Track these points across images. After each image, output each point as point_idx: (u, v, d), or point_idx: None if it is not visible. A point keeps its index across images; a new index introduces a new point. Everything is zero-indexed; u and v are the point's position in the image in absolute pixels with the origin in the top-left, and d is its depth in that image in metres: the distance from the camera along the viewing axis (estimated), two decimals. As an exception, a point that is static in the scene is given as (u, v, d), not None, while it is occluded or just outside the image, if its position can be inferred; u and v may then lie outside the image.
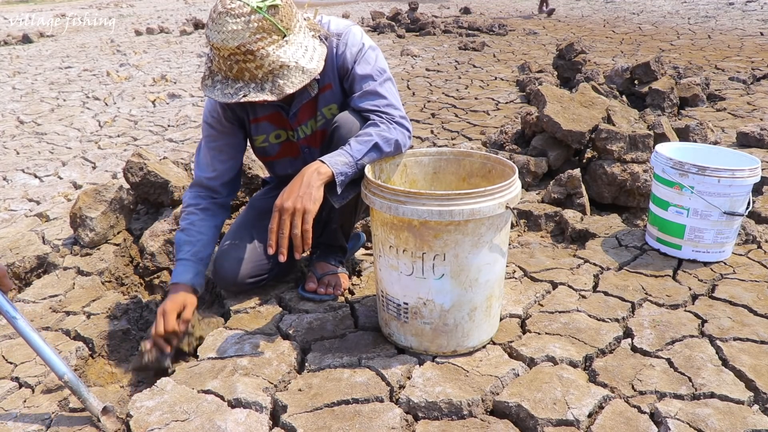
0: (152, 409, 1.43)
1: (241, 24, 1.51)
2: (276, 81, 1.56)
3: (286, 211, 1.51)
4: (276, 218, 1.52)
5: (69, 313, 1.96)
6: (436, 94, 4.83)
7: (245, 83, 1.57)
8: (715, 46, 6.33)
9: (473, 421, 1.39)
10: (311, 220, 1.51)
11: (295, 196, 1.52)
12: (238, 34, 1.51)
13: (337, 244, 1.99)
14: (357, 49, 1.76)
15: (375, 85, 1.74)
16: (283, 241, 1.50)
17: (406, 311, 1.58)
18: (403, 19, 8.79)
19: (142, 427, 1.35)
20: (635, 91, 4.03)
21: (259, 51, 1.53)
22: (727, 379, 1.49)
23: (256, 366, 1.58)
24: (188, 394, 1.48)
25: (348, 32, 1.77)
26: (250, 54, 1.53)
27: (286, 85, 1.56)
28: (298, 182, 1.55)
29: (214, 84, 1.61)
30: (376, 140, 1.64)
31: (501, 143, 3.12)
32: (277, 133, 1.90)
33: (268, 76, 1.56)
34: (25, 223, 2.71)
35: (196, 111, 4.72)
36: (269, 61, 1.55)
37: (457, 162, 1.81)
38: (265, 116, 1.86)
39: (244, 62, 1.54)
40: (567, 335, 1.69)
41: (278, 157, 1.97)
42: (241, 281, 1.90)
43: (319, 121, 1.85)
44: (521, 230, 2.44)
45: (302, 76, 1.58)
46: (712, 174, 1.97)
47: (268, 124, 1.88)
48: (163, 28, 9.92)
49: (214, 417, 1.39)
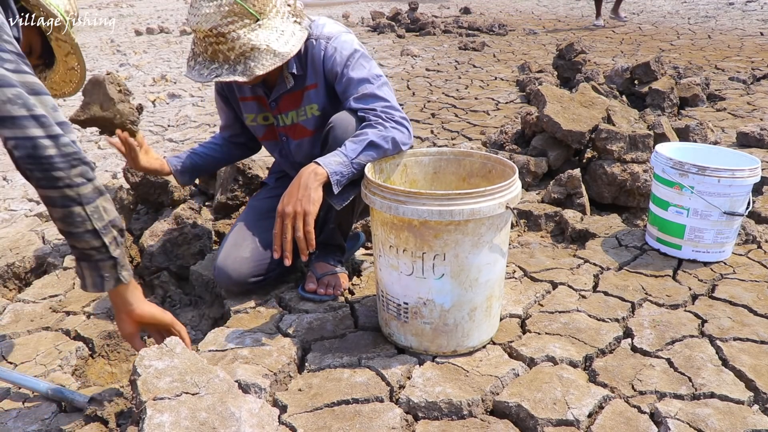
0: (161, 372, 1.33)
1: (213, 8, 1.60)
2: (248, 63, 1.64)
3: (287, 215, 1.56)
4: (278, 223, 1.57)
5: (69, 313, 1.96)
6: (436, 94, 4.82)
7: (219, 64, 1.66)
8: (715, 46, 6.33)
9: (473, 421, 1.39)
10: (312, 222, 1.55)
11: (294, 200, 1.56)
12: (210, 17, 1.60)
13: (335, 243, 2.00)
14: (348, 53, 1.79)
15: (372, 88, 1.75)
16: (287, 245, 1.56)
17: (406, 311, 1.58)
18: (403, 19, 8.79)
19: (151, 392, 1.29)
20: (635, 91, 4.02)
21: (230, 33, 1.62)
22: (727, 379, 1.49)
23: (257, 357, 1.58)
24: (198, 364, 1.39)
25: (339, 36, 1.81)
26: (221, 36, 1.62)
27: (257, 67, 1.63)
28: (296, 186, 1.58)
29: (195, 65, 1.72)
30: (371, 138, 1.65)
31: (501, 143, 3.12)
32: (264, 115, 1.99)
33: (240, 58, 1.64)
34: (25, 223, 2.71)
35: (196, 111, 4.72)
36: (240, 44, 1.63)
37: (457, 162, 1.81)
38: (250, 97, 1.97)
39: (216, 44, 1.63)
40: (567, 335, 1.69)
41: (264, 139, 2.08)
42: (244, 281, 1.90)
43: (301, 117, 1.92)
44: (521, 230, 2.44)
45: (274, 59, 1.65)
46: (712, 174, 1.97)
47: (255, 105, 1.98)
48: (163, 28, 9.92)
49: (227, 400, 1.31)
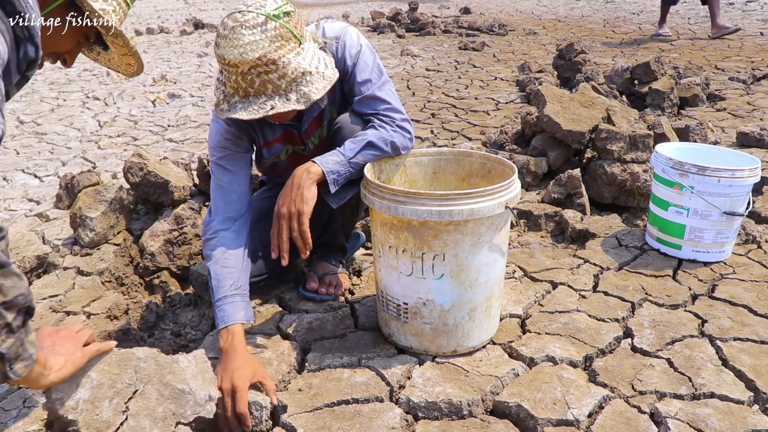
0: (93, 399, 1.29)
1: (259, 34, 1.45)
2: (300, 89, 1.51)
3: (282, 216, 1.56)
4: (275, 224, 1.57)
5: (69, 313, 1.96)
6: (436, 94, 4.82)
7: (269, 96, 1.51)
8: (715, 46, 6.33)
9: (473, 421, 1.39)
10: (306, 221, 1.55)
11: (288, 201, 1.56)
12: (257, 44, 1.45)
13: (337, 244, 2.00)
14: (356, 50, 1.74)
15: (374, 89, 1.73)
16: (284, 246, 1.56)
17: (406, 311, 1.58)
18: (403, 19, 8.78)
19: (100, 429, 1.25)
20: (635, 91, 4.02)
21: (281, 59, 1.48)
22: (727, 379, 1.49)
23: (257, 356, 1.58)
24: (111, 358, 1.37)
25: (345, 33, 1.76)
26: (272, 64, 1.47)
27: (312, 92, 1.51)
28: (290, 185, 1.58)
29: (232, 106, 1.53)
30: (369, 139, 1.65)
31: (501, 143, 3.12)
32: (286, 149, 1.87)
33: (291, 85, 1.51)
34: (25, 223, 2.71)
35: (196, 111, 4.72)
36: (291, 69, 1.49)
37: (457, 162, 1.81)
38: (275, 139, 1.82)
39: (266, 73, 1.48)
40: (567, 335, 1.69)
41: (287, 169, 1.90)
42: None
43: (324, 129, 1.84)
44: (521, 230, 2.44)
45: (324, 82, 1.54)
46: (712, 174, 1.97)
47: (280, 145, 1.84)
48: (163, 28, 9.91)
49: (164, 377, 1.34)
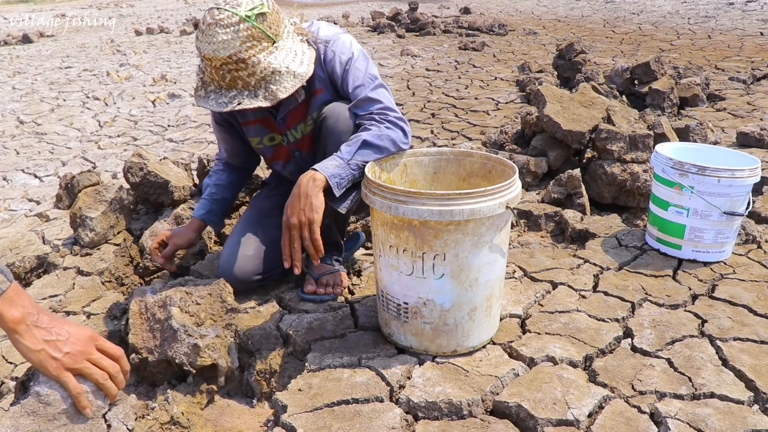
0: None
1: (231, 33, 1.54)
2: (269, 87, 1.60)
3: (293, 227, 1.57)
4: (286, 235, 1.58)
5: (69, 313, 1.96)
6: (436, 94, 4.82)
7: (239, 91, 1.61)
8: (715, 46, 6.33)
9: (473, 421, 1.39)
10: (318, 229, 1.57)
11: (298, 210, 1.57)
12: (228, 43, 1.54)
13: (331, 240, 1.98)
14: (347, 57, 1.78)
15: (367, 92, 1.75)
16: (296, 255, 1.58)
17: (406, 311, 1.58)
18: (403, 19, 8.79)
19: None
20: (635, 91, 4.02)
21: (250, 59, 1.57)
22: (727, 379, 1.49)
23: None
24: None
25: (337, 39, 1.79)
26: (241, 62, 1.56)
27: (279, 90, 1.61)
28: (297, 195, 1.59)
29: (207, 94, 1.65)
30: (363, 138, 1.66)
31: (501, 143, 3.12)
32: (270, 136, 1.93)
33: (261, 82, 1.60)
34: (25, 223, 2.71)
35: (196, 111, 4.72)
36: (261, 68, 1.58)
37: (458, 162, 1.81)
38: (254, 120, 1.91)
39: (236, 71, 1.58)
40: (567, 335, 1.69)
41: (272, 159, 2.04)
42: (248, 279, 1.91)
43: (309, 125, 1.87)
44: (521, 230, 2.44)
45: (294, 81, 1.63)
46: (712, 174, 1.97)
47: (260, 127, 1.91)
48: (163, 28, 9.91)
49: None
